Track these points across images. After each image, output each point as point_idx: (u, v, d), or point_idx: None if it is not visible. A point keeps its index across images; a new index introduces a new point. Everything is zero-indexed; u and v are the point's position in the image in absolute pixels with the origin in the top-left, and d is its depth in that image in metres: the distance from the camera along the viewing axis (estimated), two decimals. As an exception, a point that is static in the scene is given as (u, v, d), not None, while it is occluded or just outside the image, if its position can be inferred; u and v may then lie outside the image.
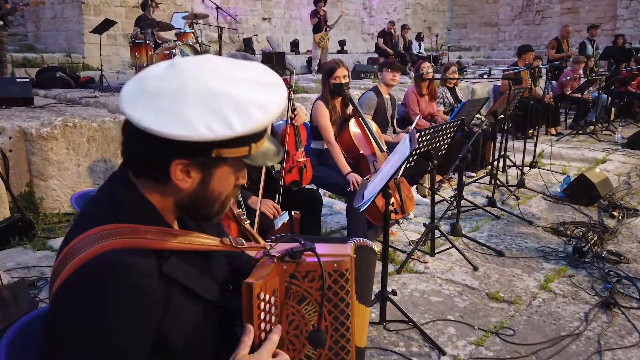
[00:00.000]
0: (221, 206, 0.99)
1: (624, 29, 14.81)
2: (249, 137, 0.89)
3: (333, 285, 1.08)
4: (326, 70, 3.46)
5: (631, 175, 5.29)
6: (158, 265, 0.91)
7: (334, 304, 1.09)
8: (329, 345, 1.10)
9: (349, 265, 1.09)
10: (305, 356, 1.09)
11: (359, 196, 2.37)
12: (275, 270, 1.03)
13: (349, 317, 1.10)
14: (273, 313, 1.04)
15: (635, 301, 2.73)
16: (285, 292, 1.05)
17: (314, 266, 1.05)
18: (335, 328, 1.10)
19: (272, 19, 13.85)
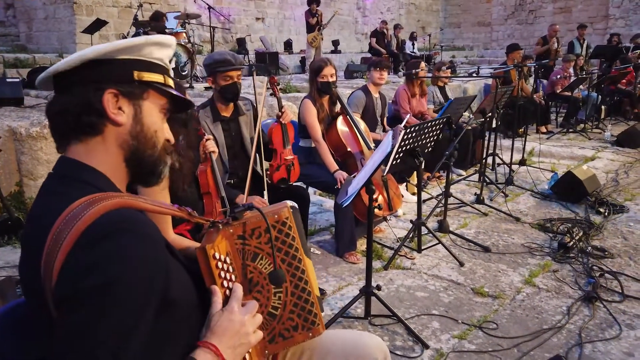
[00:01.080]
0: (160, 157, 1.03)
1: (616, 28, 14.90)
2: (160, 67, 1.01)
3: (279, 235, 1.15)
4: (314, 69, 3.49)
5: (619, 173, 5.34)
6: None
7: (285, 252, 1.15)
8: (291, 291, 1.16)
9: (288, 214, 1.16)
10: (272, 308, 1.14)
11: (342, 192, 2.40)
12: (222, 235, 1.09)
13: (301, 260, 1.17)
14: (232, 273, 1.09)
15: (618, 295, 2.77)
16: (238, 253, 1.11)
17: (257, 222, 1.11)
18: (292, 274, 1.16)
19: (265, 19, 13.87)
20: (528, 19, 17.18)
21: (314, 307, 1.18)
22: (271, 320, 1.14)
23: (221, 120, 2.73)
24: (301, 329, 1.17)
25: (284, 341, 1.15)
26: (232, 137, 2.75)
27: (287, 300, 1.15)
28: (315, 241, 3.65)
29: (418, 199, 3.35)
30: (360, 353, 1.30)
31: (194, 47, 8.01)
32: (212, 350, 0.96)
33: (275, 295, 1.14)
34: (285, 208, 1.16)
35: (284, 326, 1.15)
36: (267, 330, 1.13)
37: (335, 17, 13.58)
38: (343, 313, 2.49)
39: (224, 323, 1.01)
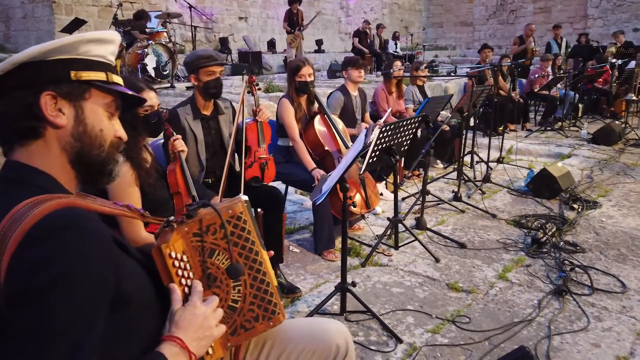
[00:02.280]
0: (109, 156, 1.03)
1: (595, 28, 15.20)
2: (102, 64, 1.00)
3: (235, 230, 1.17)
4: (292, 69, 3.51)
5: (594, 170, 5.46)
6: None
7: (241, 246, 1.18)
8: (250, 283, 1.18)
9: (243, 209, 1.18)
10: (232, 301, 1.16)
11: (317, 190, 2.43)
12: (177, 234, 1.10)
13: (259, 252, 1.20)
14: (190, 270, 1.11)
15: (587, 288, 2.85)
16: (195, 250, 1.12)
17: (212, 219, 1.13)
18: (250, 266, 1.19)
19: (248, 18, 13.84)
20: (509, 18, 17.42)
21: (273, 297, 1.21)
22: (232, 314, 1.16)
23: (201, 118, 2.74)
24: (262, 319, 1.19)
25: (246, 332, 1.18)
26: (212, 136, 2.76)
27: (246, 293, 1.17)
28: (295, 240, 3.67)
29: (395, 196, 3.40)
30: (321, 339, 1.32)
31: (175, 47, 7.97)
32: (178, 343, 0.98)
33: (234, 288, 1.16)
34: (240, 203, 1.18)
35: (245, 318, 1.17)
36: (229, 323, 1.15)
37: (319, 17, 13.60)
38: (318, 310, 2.52)
39: (188, 317, 1.03)
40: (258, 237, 1.22)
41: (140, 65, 7.19)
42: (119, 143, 1.06)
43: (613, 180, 5.03)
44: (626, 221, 3.89)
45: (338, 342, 1.32)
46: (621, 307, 2.65)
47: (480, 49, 7.34)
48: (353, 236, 3.68)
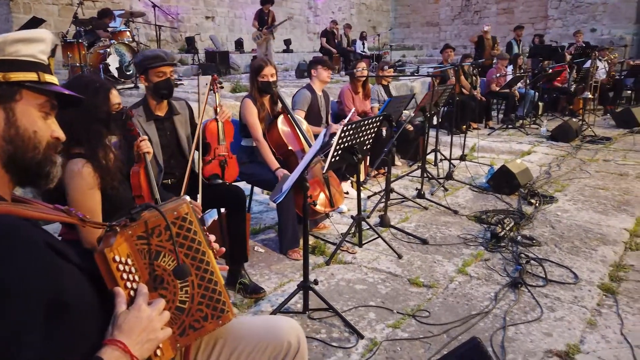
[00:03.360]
0: (46, 158, 1.01)
1: (554, 29, 15.70)
2: (33, 64, 0.98)
3: (180, 231, 1.17)
4: (254, 69, 3.51)
5: (552, 166, 5.66)
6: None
7: (188, 247, 1.18)
8: (197, 283, 1.19)
9: (188, 210, 1.18)
10: (180, 302, 1.17)
11: (277, 190, 2.44)
12: (121, 238, 1.10)
13: (205, 253, 1.21)
14: (135, 274, 1.10)
15: (542, 280, 2.95)
16: (139, 253, 1.12)
17: (156, 221, 1.13)
18: (197, 267, 1.19)
19: (215, 17, 13.71)
20: (473, 19, 17.81)
21: (222, 296, 1.22)
22: (180, 314, 1.16)
23: (155, 119, 2.70)
24: (211, 318, 1.20)
25: (195, 332, 1.18)
26: (168, 137, 2.73)
27: (194, 293, 1.18)
28: (260, 239, 3.68)
29: (358, 195, 3.44)
30: (273, 336, 1.34)
31: (138, 46, 7.82)
32: (120, 347, 0.97)
33: (182, 289, 1.16)
34: (185, 204, 1.18)
35: (194, 318, 1.18)
36: (177, 324, 1.15)
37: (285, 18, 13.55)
38: (281, 309, 2.53)
39: (131, 320, 1.02)
40: (204, 237, 1.22)
41: (102, 65, 7.03)
42: (56, 143, 1.04)
43: (569, 176, 5.23)
44: (580, 215, 4.05)
45: (290, 339, 1.33)
46: (573, 297, 2.76)
47: (442, 49, 7.52)
48: (318, 235, 3.71)
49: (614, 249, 3.37)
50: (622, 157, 6.00)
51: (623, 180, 5.02)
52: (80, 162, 1.81)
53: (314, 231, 3.80)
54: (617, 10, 14.77)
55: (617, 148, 6.55)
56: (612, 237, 3.58)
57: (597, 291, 2.82)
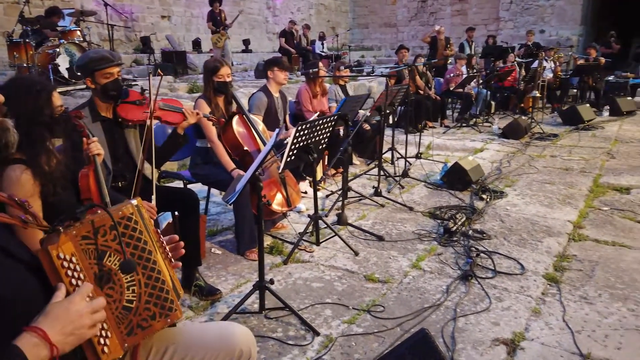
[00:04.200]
0: None
1: (506, 30, 16.28)
2: None
3: (126, 231, 1.18)
4: (210, 69, 3.48)
5: (502, 162, 5.88)
6: None
7: (134, 246, 1.19)
8: (144, 282, 1.20)
9: (133, 210, 1.20)
10: (127, 301, 1.17)
11: (230, 190, 2.44)
12: (65, 237, 1.09)
13: (152, 252, 1.22)
14: (80, 272, 1.10)
15: (491, 272, 3.08)
16: (84, 253, 1.12)
17: (101, 221, 1.13)
18: (144, 266, 1.20)
19: (172, 16, 13.45)
20: (429, 20, 18.22)
21: (169, 295, 1.22)
22: (127, 314, 1.16)
23: (101, 120, 2.64)
24: (159, 316, 1.20)
25: (143, 331, 1.18)
26: (115, 139, 2.67)
27: (141, 292, 1.18)
28: (217, 241, 3.65)
29: (314, 194, 3.47)
30: (225, 343, 1.34)
31: (90, 46, 7.59)
32: (39, 334, 0.95)
33: (129, 289, 1.16)
34: (129, 205, 1.20)
35: (141, 317, 1.18)
36: (125, 324, 1.15)
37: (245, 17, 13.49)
38: (236, 309, 2.53)
39: (59, 310, 1.00)
40: (151, 237, 1.22)
41: (51, 66, 6.77)
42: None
43: (519, 172, 5.44)
44: (528, 208, 4.23)
45: (242, 347, 1.35)
46: (519, 287, 2.89)
47: (397, 50, 7.69)
48: (276, 234, 3.72)
49: (559, 241, 3.55)
50: (567, 153, 6.30)
51: (568, 175, 5.27)
52: (19, 169, 1.74)
53: (272, 231, 3.81)
54: (564, 13, 15.47)
55: (564, 144, 6.87)
56: (557, 229, 3.76)
57: (542, 281, 2.96)
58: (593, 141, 7.03)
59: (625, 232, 3.69)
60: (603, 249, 3.40)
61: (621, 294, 2.79)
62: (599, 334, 2.41)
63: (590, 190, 4.71)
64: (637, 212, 4.09)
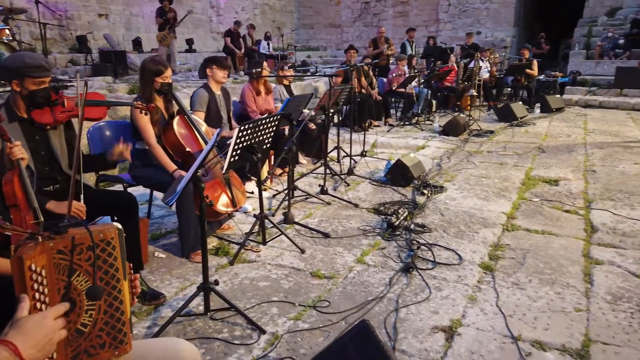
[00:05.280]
0: None
1: (445, 31, 16.89)
2: None
3: (102, 254, 1.16)
4: (153, 71, 3.39)
5: (442, 158, 6.11)
6: None
7: (105, 271, 1.18)
8: (104, 309, 1.18)
9: (114, 235, 1.18)
10: (81, 325, 1.15)
11: (171, 192, 2.41)
12: (41, 248, 1.07)
13: (120, 280, 1.20)
14: (45, 286, 1.08)
15: (431, 263, 3.21)
16: (55, 268, 1.10)
17: (81, 239, 1.12)
18: (109, 292, 1.19)
19: (109, 15, 12.96)
20: (373, 21, 18.60)
21: (125, 327, 1.21)
22: (78, 337, 1.14)
23: (20, 120, 2.51)
24: (108, 347, 1.19)
25: (88, 358, 1.16)
26: (37, 141, 2.55)
27: (98, 318, 1.17)
28: (161, 245, 3.58)
29: (259, 193, 3.48)
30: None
31: (20, 45, 7.20)
32: (10, 348, 0.95)
33: (87, 312, 1.15)
34: (113, 229, 1.18)
35: (91, 343, 1.16)
36: (73, 347, 1.14)
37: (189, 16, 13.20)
38: (180, 312, 2.50)
39: (33, 325, 1.00)
40: (123, 266, 1.21)
41: (-24, 66, 6.36)
42: None
43: (458, 167, 5.69)
44: (465, 202, 4.43)
45: None
46: (457, 276, 3.04)
47: (346, 50, 7.80)
48: (222, 236, 3.70)
49: (493, 231, 3.75)
50: (502, 149, 6.64)
51: (503, 169, 5.57)
52: None
53: (219, 232, 3.78)
54: (498, 15, 16.25)
55: (499, 140, 7.23)
56: (492, 220, 3.97)
57: (478, 269, 3.12)
58: (526, 137, 7.45)
59: (553, 221, 3.95)
60: (533, 237, 3.63)
61: (549, 278, 2.99)
62: (529, 316, 2.58)
63: (523, 183, 5.00)
64: (564, 202, 4.38)
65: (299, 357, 2.26)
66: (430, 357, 2.24)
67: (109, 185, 4.06)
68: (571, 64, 12.80)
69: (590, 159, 6.00)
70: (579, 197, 4.53)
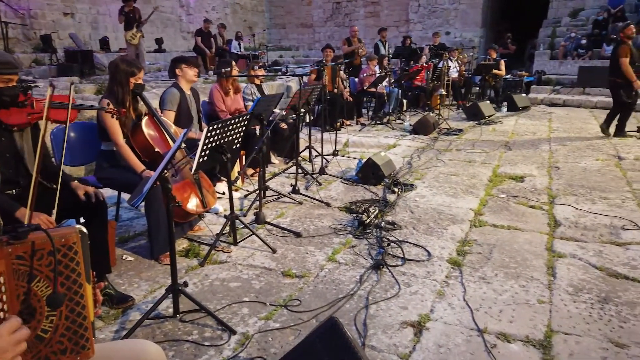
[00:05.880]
0: None
1: (415, 31, 17.11)
2: None
3: (63, 259, 1.14)
4: (128, 72, 3.32)
5: (413, 157, 6.20)
6: None
7: (66, 276, 1.15)
8: (66, 314, 1.16)
9: (76, 239, 1.16)
10: (42, 331, 1.13)
11: (137, 192, 2.37)
12: (0, 254, 1.05)
13: (82, 285, 1.18)
14: (4, 292, 1.05)
15: (401, 260, 3.25)
16: (14, 273, 1.07)
17: (41, 244, 1.10)
18: (70, 298, 1.17)
19: (75, 14, 12.65)
20: (344, 21, 18.69)
21: (87, 332, 1.20)
22: (38, 343, 1.12)
23: None
24: (70, 352, 1.17)
25: None
26: (2, 143, 2.48)
27: (59, 324, 1.15)
28: (130, 247, 3.52)
29: (229, 194, 3.46)
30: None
31: (-20, 45, 6.95)
32: None
33: (47, 318, 1.13)
34: (74, 233, 1.15)
35: (52, 349, 1.14)
36: (32, 353, 1.11)
37: (157, 15, 13.01)
38: (149, 315, 2.47)
39: None
40: (86, 270, 1.19)
41: None
42: None
43: (427, 165, 5.78)
44: (434, 199, 4.51)
45: None
46: (426, 272, 3.09)
47: (323, 48, 7.82)
48: (192, 237, 3.66)
49: (461, 227, 3.83)
50: (471, 147, 6.78)
51: (471, 167, 5.69)
52: None
53: (189, 234, 3.74)
54: (467, 16, 16.57)
55: (467, 138, 7.38)
56: (460, 216, 4.05)
57: (446, 265, 3.19)
58: (493, 135, 7.63)
59: (518, 216, 4.06)
60: (500, 232, 3.72)
61: (514, 272, 3.08)
62: (494, 310, 2.65)
63: (490, 180, 5.12)
64: (530, 198, 4.51)
65: (269, 357, 2.27)
66: (399, 352, 2.28)
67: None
68: (536, 63, 13.16)
69: (555, 156, 6.19)
70: (543, 193, 4.67)
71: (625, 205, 4.28)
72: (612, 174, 5.32)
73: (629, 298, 2.76)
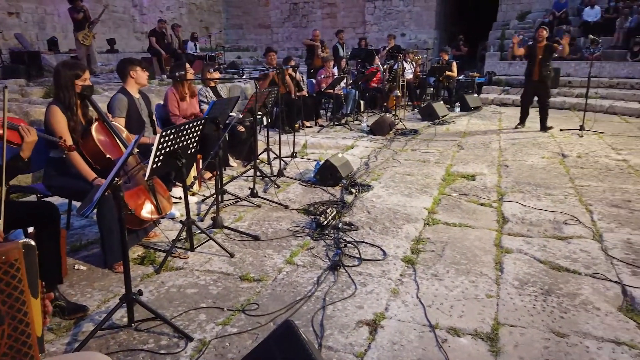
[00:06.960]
0: None
1: (372, 33, 17.36)
2: None
3: (4, 277, 1.12)
4: (72, 75, 3.23)
5: (370, 157, 6.31)
6: None
7: (8, 294, 1.13)
8: (8, 333, 1.14)
9: (18, 255, 1.13)
10: None
11: (87, 201, 2.33)
12: None
13: (25, 302, 1.16)
14: None
15: (357, 260, 3.32)
16: None
17: None
18: (13, 316, 1.15)
19: (21, 13, 12.11)
20: (302, 22, 18.74)
21: (31, 350, 1.18)
22: None
23: None
24: None
25: None
26: None
27: (1, 343, 1.13)
28: (82, 257, 3.43)
29: (185, 199, 3.43)
30: None
31: None
32: None
33: None
34: (16, 249, 1.12)
35: None
36: None
37: (109, 15, 12.62)
38: (102, 326, 2.43)
39: None
40: (32, 284, 1.17)
41: None
42: None
43: (384, 165, 5.90)
44: (390, 199, 4.62)
45: None
46: (382, 271, 3.17)
47: (265, 53, 7.79)
48: (148, 244, 3.61)
49: (416, 226, 3.94)
50: (425, 146, 6.97)
51: (425, 166, 5.85)
52: None
53: (145, 240, 3.68)
54: (420, 18, 16.96)
55: (422, 138, 7.58)
56: (415, 215, 4.17)
57: (400, 264, 3.28)
58: (447, 135, 7.86)
59: (469, 214, 4.22)
60: (452, 230, 3.86)
61: (465, 268, 3.21)
62: (446, 305, 2.76)
63: (443, 179, 5.29)
64: (480, 196, 4.69)
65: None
66: (355, 351, 2.34)
67: (22, 196, 3.84)
68: (487, 64, 13.63)
69: (504, 155, 6.45)
70: (492, 191, 4.87)
71: (567, 201, 4.53)
72: (556, 171, 5.61)
73: (569, 290, 2.94)
